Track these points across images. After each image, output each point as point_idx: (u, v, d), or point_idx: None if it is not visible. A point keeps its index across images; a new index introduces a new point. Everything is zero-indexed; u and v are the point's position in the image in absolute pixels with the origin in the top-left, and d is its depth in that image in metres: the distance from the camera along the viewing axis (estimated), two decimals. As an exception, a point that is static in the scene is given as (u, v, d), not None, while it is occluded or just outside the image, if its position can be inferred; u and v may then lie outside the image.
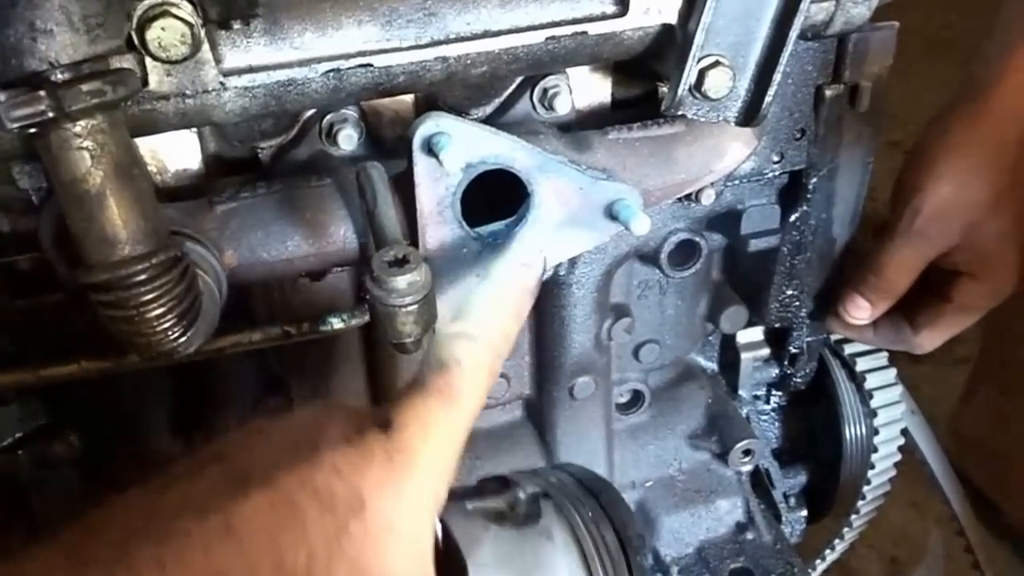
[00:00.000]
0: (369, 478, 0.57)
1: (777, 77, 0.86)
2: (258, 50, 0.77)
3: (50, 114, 0.58)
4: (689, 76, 0.84)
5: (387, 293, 0.64)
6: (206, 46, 0.73)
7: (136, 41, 0.67)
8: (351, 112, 0.89)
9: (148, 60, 0.71)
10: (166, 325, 0.67)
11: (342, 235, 0.85)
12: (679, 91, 0.85)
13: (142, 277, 0.65)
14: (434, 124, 0.78)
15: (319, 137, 0.90)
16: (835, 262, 1.20)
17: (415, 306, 0.65)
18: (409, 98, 0.94)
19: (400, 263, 0.64)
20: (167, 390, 1.05)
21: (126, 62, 0.71)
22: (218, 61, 0.75)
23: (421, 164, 0.79)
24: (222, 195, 0.83)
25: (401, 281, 0.64)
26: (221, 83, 0.76)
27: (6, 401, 0.95)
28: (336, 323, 0.86)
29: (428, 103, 0.93)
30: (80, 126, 0.61)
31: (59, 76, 0.59)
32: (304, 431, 0.59)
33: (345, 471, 0.56)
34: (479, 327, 0.70)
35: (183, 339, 0.69)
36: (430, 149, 0.78)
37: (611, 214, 0.86)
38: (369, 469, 0.57)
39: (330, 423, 0.60)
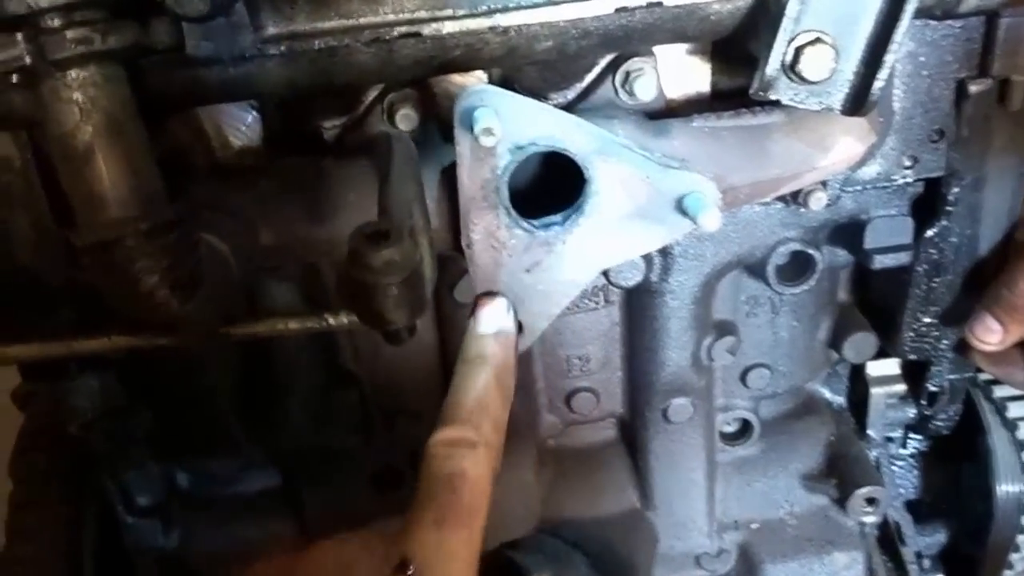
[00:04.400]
0: None
1: (890, 59, 0.74)
2: (301, 18, 0.73)
3: (27, 59, 0.55)
4: (782, 53, 0.74)
5: (363, 270, 0.57)
6: (242, 10, 0.70)
7: (155, -5, 0.64)
8: (414, 92, 0.84)
9: (184, 24, 0.69)
10: (159, 293, 0.64)
11: (387, 218, 0.79)
12: (768, 70, 0.74)
13: (131, 242, 0.61)
14: (477, 97, 0.71)
15: (382, 117, 0.85)
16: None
17: (394, 288, 0.58)
18: (483, 79, 0.87)
19: (380, 237, 0.58)
20: (235, 378, 1.03)
21: (161, 23, 0.69)
22: (257, 27, 0.72)
23: (464, 142, 0.73)
24: (266, 172, 0.80)
25: (377, 258, 0.57)
26: (259, 50, 0.72)
27: (70, 374, 0.95)
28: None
29: (503, 85, 0.86)
30: (71, 77, 0.58)
31: (48, 23, 0.57)
32: None
33: None
34: (472, 428, 0.68)
35: (181, 310, 0.65)
36: (472, 125, 0.72)
37: (683, 208, 0.76)
38: None
39: (351, 570, 0.60)
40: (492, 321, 0.77)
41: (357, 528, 0.69)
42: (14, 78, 0.57)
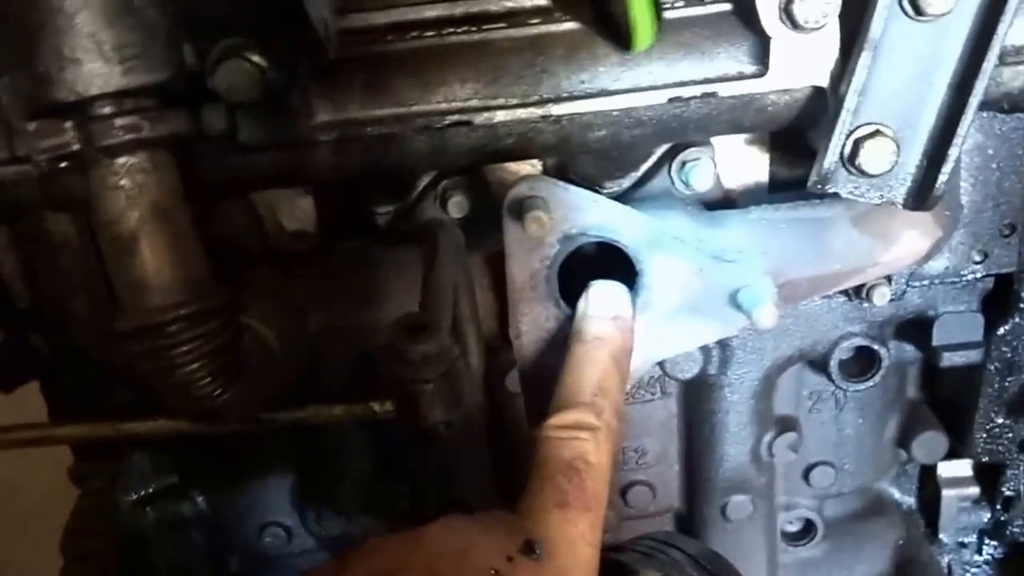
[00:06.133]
0: None
1: (954, 152, 0.71)
2: (354, 105, 0.73)
3: (75, 146, 0.56)
4: (840, 146, 0.72)
5: (400, 364, 0.56)
6: (296, 97, 0.71)
7: (209, 83, 0.65)
8: (467, 178, 0.84)
9: (237, 111, 0.70)
10: (198, 380, 0.63)
11: (435, 305, 0.78)
12: (826, 162, 0.72)
13: (172, 328, 0.61)
14: (527, 187, 0.71)
15: (434, 203, 0.85)
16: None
17: (429, 384, 0.56)
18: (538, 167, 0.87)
19: (418, 330, 0.56)
20: (289, 461, 1.02)
21: (214, 110, 0.70)
22: (310, 114, 0.72)
23: (512, 231, 0.72)
24: (318, 258, 0.80)
25: (415, 351, 0.55)
26: (314, 137, 0.73)
27: (124, 454, 0.95)
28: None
29: (558, 173, 0.85)
30: (118, 163, 0.59)
31: (97, 110, 0.57)
32: (447, 560, 0.55)
33: None
34: (594, 412, 0.66)
35: (222, 397, 0.65)
36: (521, 215, 0.71)
37: (737, 303, 0.74)
38: None
39: (474, 549, 0.56)
40: (606, 302, 0.73)
41: None
42: (63, 164, 0.57)
